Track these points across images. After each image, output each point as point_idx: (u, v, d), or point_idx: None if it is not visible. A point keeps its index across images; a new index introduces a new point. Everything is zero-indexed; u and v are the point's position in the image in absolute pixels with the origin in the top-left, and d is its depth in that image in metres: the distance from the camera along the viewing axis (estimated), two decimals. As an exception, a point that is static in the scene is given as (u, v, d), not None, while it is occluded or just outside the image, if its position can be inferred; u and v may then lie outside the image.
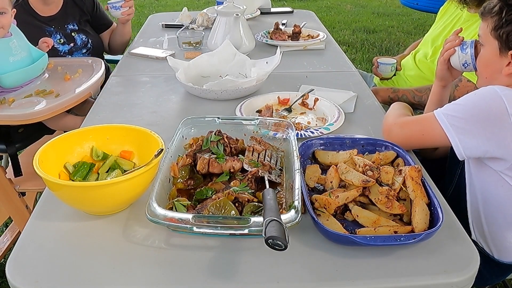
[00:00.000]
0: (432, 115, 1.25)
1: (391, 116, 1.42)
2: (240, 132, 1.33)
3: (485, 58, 1.35)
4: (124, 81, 1.94)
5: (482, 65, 1.37)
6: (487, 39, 1.32)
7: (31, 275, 0.94)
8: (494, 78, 1.33)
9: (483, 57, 1.36)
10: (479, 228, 1.36)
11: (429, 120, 1.26)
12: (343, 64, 2.16)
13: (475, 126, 1.19)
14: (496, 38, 1.28)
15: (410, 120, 1.37)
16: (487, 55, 1.34)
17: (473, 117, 1.20)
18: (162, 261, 0.97)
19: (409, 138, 1.32)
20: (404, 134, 1.33)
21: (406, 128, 1.33)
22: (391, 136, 1.34)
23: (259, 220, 0.94)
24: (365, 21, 6.32)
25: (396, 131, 1.34)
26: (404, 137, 1.32)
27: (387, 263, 0.97)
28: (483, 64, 1.37)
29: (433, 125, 1.25)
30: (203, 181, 1.19)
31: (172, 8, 6.74)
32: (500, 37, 1.27)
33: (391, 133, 1.35)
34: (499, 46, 1.28)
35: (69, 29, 2.30)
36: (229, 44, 2.00)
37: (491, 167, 1.25)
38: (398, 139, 1.31)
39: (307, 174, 1.20)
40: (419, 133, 1.31)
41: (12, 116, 1.71)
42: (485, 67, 1.36)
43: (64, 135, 1.18)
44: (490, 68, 1.34)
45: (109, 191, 1.04)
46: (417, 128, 1.32)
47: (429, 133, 1.28)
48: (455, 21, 2.12)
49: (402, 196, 1.13)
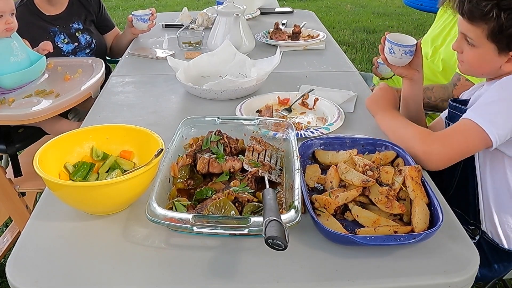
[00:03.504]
0: (470, 121, 1.20)
1: (410, 137, 1.27)
2: (240, 132, 1.33)
3: (481, 59, 1.33)
4: (124, 81, 1.94)
5: (478, 64, 1.35)
6: (481, 43, 1.29)
7: (31, 275, 0.94)
8: (492, 73, 1.34)
9: (479, 57, 1.33)
10: (490, 217, 1.36)
11: (470, 126, 1.20)
12: (343, 64, 2.16)
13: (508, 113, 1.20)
14: (494, 42, 1.27)
15: (448, 134, 1.26)
16: (484, 56, 1.31)
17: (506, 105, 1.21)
18: (162, 261, 0.97)
19: (454, 153, 1.22)
20: (449, 151, 1.22)
21: (449, 144, 1.22)
22: (432, 158, 1.22)
23: (259, 220, 0.94)
24: (365, 21, 6.32)
25: (438, 151, 1.22)
26: (449, 154, 1.21)
27: (387, 263, 0.97)
28: (480, 64, 1.34)
29: (475, 130, 1.19)
30: (203, 181, 1.19)
31: (172, 8, 6.76)
32: (499, 41, 1.26)
33: (431, 156, 1.22)
34: (498, 48, 1.27)
35: (74, 28, 2.31)
36: (229, 44, 2.00)
37: (506, 153, 1.27)
38: (443, 159, 1.21)
39: (307, 174, 1.20)
40: (464, 144, 1.22)
41: (12, 116, 1.71)
42: (481, 66, 1.35)
43: (64, 135, 1.18)
44: (487, 66, 1.33)
45: (109, 191, 1.04)
46: (461, 140, 1.22)
47: (473, 141, 1.21)
48: (454, 21, 2.12)
49: (402, 196, 1.13)
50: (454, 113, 1.42)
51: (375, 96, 1.49)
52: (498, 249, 1.37)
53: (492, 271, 1.41)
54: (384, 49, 1.54)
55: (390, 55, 1.53)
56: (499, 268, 1.41)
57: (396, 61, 1.54)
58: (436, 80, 2.17)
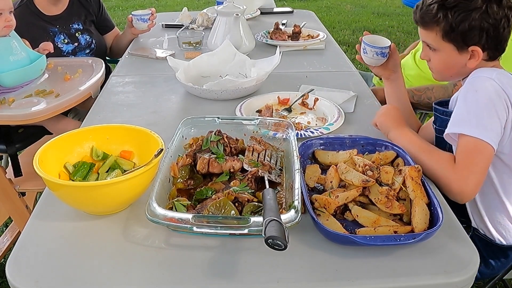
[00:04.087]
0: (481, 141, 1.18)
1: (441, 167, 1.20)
2: (240, 132, 1.33)
3: (445, 62, 1.36)
4: (124, 81, 1.94)
5: (444, 68, 1.38)
6: (440, 45, 1.33)
7: (31, 275, 0.94)
8: (460, 73, 1.37)
9: (442, 61, 1.36)
10: (478, 215, 1.37)
11: (480, 144, 1.18)
12: (343, 64, 2.16)
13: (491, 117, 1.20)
14: (450, 41, 1.30)
15: (474, 157, 1.19)
16: (447, 59, 1.35)
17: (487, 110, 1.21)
18: (162, 261, 0.97)
19: (482, 176, 1.19)
20: (479, 176, 1.18)
21: (477, 169, 1.18)
22: (468, 190, 1.16)
23: (259, 220, 0.94)
24: (365, 21, 6.32)
25: (473, 181, 1.16)
26: (480, 179, 1.18)
27: (387, 263, 0.97)
28: (445, 67, 1.38)
29: (486, 146, 1.18)
30: (203, 181, 1.19)
31: (172, 8, 6.75)
32: (454, 39, 1.30)
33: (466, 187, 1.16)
34: (456, 47, 1.31)
35: (74, 28, 2.31)
36: (229, 44, 2.00)
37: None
38: (477, 186, 1.17)
39: (307, 174, 1.20)
40: (487, 163, 1.19)
41: (12, 116, 1.71)
42: (448, 69, 1.38)
43: (64, 135, 1.18)
44: (453, 68, 1.36)
45: (109, 191, 1.04)
46: (484, 160, 1.19)
47: (490, 156, 1.19)
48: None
49: (402, 196, 1.13)
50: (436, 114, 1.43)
51: (384, 113, 1.45)
52: (491, 244, 1.38)
53: (490, 268, 1.41)
54: (360, 49, 1.64)
55: (364, 55, 1.64)
56: (496, 264, 1.41)
57: (369, 61, 1.64)
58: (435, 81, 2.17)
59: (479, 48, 1.28)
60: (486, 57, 1.31)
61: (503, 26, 1.27)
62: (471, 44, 1.29)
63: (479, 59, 1.30)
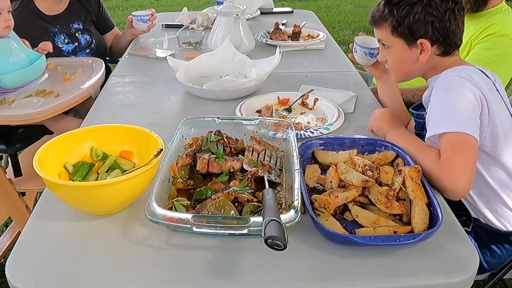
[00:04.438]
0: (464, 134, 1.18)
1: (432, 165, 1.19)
2: (240, 132, 1.33)
3: (398, 58, 1.41)
4: (124, 81, 1.94)
5: (398, 65, 1.43)
6: (391, 42, 1.39)
7: (31, 275, 0.94)
8: (414, 70, 1.41)
9: (395, 58, 1.41)
10: (474, 207, 1.39)
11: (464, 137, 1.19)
12: (343, 64, 2.16)
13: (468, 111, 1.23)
14: (399, 36, 1.35)
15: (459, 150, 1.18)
16: (399, 55, 1.39)
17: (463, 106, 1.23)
18: (162, 261, 0.97)
19: (473, 168, 1.18)
20: (470, 169, 1.17)
21: (466, 161, 1.17)
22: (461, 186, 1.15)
23: (258, 220, 0.94)
24: (365, 21, 6.31)
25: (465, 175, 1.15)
26: (471, 172, 1.17)
27: (387, 263, 0.97)
28: (398, 63, 1.42)
29: (469, 137, 1.19)
30: (203, 181, 1.19)
31: (172, 8, 6.75)
32: (403, 34, 1.35)
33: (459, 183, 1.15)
34: (406, 41, 1.35)
35: (74, 28, 2.31)
36: (229, 44, 2.00)
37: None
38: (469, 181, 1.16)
39: (307, 174, 1.20)
40: (474, 154, 1.19)
41: (12, 116, 1.71)
42: (402, 65, 1.42)
43: (64, 135, 1.18)
44: (407, 64, 1.40)
45: (109, 191, 1.04)
46: (470, 151, 1.19)
47: (475, 147, 1.19)
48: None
49: (401, 196, 1.13)
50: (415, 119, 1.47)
51: (378, 117, 1.45)
52: (494, 232, 1.39)
53: (496, 257, 1.42)
54: (353, 49, 1.73)
55: (355, 54, 1.74)
56: (501, 252, 1.41)
57: (359, 60, 1.74)
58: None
59: (427, 41, 1.32)
60: (438, 51, 1.35)
61: (448, 19, 1.31)
62: (418, 37, 1.33)
63: (429, 53, 1.34)
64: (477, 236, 1.41)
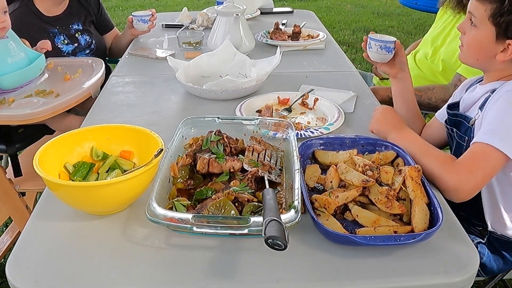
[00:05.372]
0: (488, 145, 1.17)
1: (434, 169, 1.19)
2: (240, 132, 1.33)
3: (478, 41, 1.32)
4: (124, 81, 1.94)
5: (474, 47, 1.34)
6: (482, 23, 1.29)
7: (31, 275, 0.94)
8: (486, 62, 1.34)
9: (477, 39, 1.32)
10: (499, 216, 1.35)
11: (489, 150, 1.16)
12: (343, 64, 2.16)
13: None
14: (495, 24, 1.27)
15: (472, 160, 1.18)
16: (482, 39, 1.31)
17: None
18: (162, 261, 0.97)
19: (482, 179, 1.17)
20: (477, 179, 1.16)
21: (476, 171, 1.16)
22: (463, 188, 1.15)
23: (258, 220, 0.94)
24: (365, 21, 6.32)
25: (467, 180, 1.15)
26: (477, 182, 1.16)
27: (387, 263, 0.97)
28: (476, 46, 1.34)
29: (496, 154, 1.16)
30: (203, 181, 1.19)
31: (172, 8, 6.75)
32: (499, 24, 1.26)
33: (462, 186, 1.15)
34: (496, 32, 1.27)
35: (74, 29, 2.31)
36: (229, 44, 2.00)
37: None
38: (473, 188, 1.16)
39: (307, 174, 1.20)
40: (490, 169, 1.17)
41: (12, 116, 1.71)
42: (477, 50, 1.34)
43: (64, 135, 1.18)
44: (483, 52, 1.32)
45: (109, 191, 1.04)
46: (487, 165, 1.17)
47: (496, 164, 1.17)
48: (455, 21, 2.12)
49: (402, 196, 1.12)
50: (456, 120, 1.41)
51: (380, 117, 1.44)
52: (509, 242, 1.37)
53: (509, 264, 1.40)
54: (366, 46, 1.62)
55: (369, 50, 1.61)
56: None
57: (374, 56, 1.61)
58: (436, 80, 2.17)
59: None
60: None
61: None
62: (511, 37, 1.25)
63: (510, 56, 1.27)
64: (491, 244, 1.39)
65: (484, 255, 1.38)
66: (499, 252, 1.39)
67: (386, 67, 1.62)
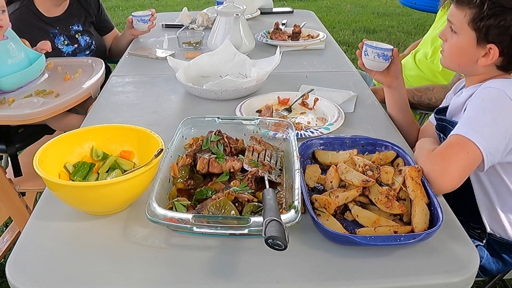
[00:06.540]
0: (461, 136, 1.17)
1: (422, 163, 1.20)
2: (240, 132, 1.33)
3: (459, 47, 1.33)
4: (124, 81, 1.94)
5: (456, 53, 1.35)
6: (462, 29, 1.30)
7: (31, 275, 0.94)
8: (468, 67, 1.34)
9: (458, 45, 1.33)
10: (497, 219, 1.36)
11: (464, 142, 1.17)
12: (343, 64, 2.16)
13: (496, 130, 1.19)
14: (475, 29, 1.27)
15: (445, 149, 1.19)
16: (462, 44, 1.31)
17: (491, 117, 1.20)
18: (162, 261, 0.97)
19: (460, 167, 1.16)
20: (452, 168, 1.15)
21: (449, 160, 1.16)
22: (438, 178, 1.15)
23: (259, 220, 0.94)
24: (365, 21, 6.32)
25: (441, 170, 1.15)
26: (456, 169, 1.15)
27: (387, 263, 0.97)
28: (457, 52, 1.34)
29: (470, 145, 1.16)
30: (203, 181, 1.19)
31: (172, 8, 6.75)
32: (479, 29, 1.26)
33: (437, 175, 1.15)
34: (477, 37, 1.28)
35: (74, 30, 2.31)
36: (229, 44, 2.00)
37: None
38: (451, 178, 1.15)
39: (307, 174, 1.20)
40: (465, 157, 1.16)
41: (12, 116, 1.71)
42: (459, 55, 1.35)
43: (64, 135, 1.19)
44: (464, 57, 1.33)
45: (109, 191, 1.04)
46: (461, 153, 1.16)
47: (473, 155, 1.16)
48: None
49: (402, 196, 1.13)
50: (442, 124, 1.43)
51: None
52: (508, 245, 1.37)
53: (508, 265, 1.41)
54: (362, 53, 1.58)
55: (365, 58, 1.57)
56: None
57: (370, 64, 1.57)
58: (435, 80, 2.17)
59: (497, 49, 1.26)
60: (500, 63, 1.29)
61: None
62: (492, 41, 1.26)
63: (492, 60, 1.28)
64: (490, 247, 1.39)
65: (483, 257, 1.38)
66: (498, 254, 1.40)
67: (380, 76, 1.60)
